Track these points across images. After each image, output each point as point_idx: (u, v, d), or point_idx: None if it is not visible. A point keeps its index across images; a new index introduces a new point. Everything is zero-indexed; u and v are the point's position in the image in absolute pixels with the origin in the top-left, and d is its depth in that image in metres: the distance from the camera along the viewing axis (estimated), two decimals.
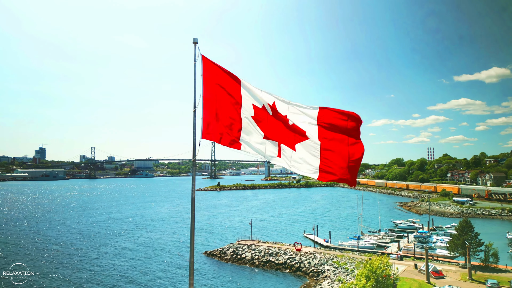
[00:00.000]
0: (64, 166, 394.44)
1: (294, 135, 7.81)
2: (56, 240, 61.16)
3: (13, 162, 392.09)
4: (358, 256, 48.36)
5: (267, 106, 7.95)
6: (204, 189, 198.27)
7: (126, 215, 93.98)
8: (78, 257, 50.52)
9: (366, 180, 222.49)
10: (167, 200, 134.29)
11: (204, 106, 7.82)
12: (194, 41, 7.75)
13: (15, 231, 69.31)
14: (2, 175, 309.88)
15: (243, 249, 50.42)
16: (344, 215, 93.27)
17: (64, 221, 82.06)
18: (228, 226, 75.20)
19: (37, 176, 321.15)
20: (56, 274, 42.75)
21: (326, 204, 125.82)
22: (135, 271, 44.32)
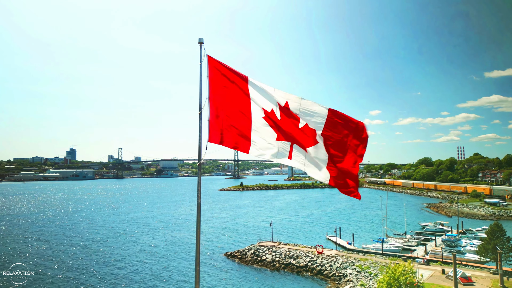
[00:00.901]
0: (93, 166, 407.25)
1: (307, 137, 7.46)
2: (77, 239, 62.75)
3: (45, 162, 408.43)
4: (382, 259, 46.91)
5: (278, 106, 7.55)
6: (227, 189, 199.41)
7: (152, 214, 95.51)
8: (92, 256, 51.56)
9: (392, 180, 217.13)
10: (191, 200, 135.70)
11: (210, 108, 7.51)
12: (200, 41, 7.43)
13: (36, 230, 71.73)
14: (35, 175, 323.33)
15: (263, 251, 49.98)
16: (369, 217, 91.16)
17: (86, 221, 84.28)
18: (250, 227, 74.96)
19: (68, 176, 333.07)
20: (60, 275, 43.54)
21: (350, 205, 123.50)
22: (147, 271, 44.74)
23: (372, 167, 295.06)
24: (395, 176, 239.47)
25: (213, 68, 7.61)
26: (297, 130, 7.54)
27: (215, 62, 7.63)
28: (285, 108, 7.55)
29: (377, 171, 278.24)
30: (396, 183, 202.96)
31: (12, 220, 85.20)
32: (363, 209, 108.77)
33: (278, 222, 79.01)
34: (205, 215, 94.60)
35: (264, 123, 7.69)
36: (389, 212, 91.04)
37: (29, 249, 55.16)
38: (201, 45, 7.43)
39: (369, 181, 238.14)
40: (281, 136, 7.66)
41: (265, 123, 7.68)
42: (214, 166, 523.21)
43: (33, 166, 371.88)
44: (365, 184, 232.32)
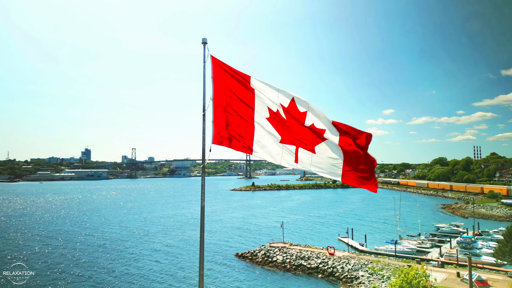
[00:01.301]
0: (108, 166, 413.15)
1: (313, 136, 7.29)
2: (92, 239, 63.53)
3: (61, 162, 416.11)
4: (395, 262, 46.15)
5: (283, 106, 7.37)
6: (239, 189, 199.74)
7: (165, 214, 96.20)
8: (106, 255, 52.07)
9: (406, 180, 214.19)
10: (205, 200, 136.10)
11: (214, 109, 7.40)
12: (203, 41, 7.28)
13: (52, 229, 72.92)
14: (51, 175, 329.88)
15: (274, 252, 49.75)
16: (382, 218, 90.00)
17: (100, 220, 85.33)
18: (261, 228, 74.79)
19: (83, 176, 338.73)
20: (71, 274, 44.05)
21: (363, 205, 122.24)
22: (160, 270, 44.97)
23: (385, 167, 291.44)
24: (409, 176, 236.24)
25: (217, 69, 7.50)
26: (303, 129, 7.34)
27: (219, 63, 7.51)
28: (290, 107, 7.36)
29: (390, 171, 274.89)
30: (410, 184, 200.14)
31: (28, 219, 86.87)
32: (376, 210, 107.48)
33: (290, 223, 78.63)
34: (217, 215, 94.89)
35: (268, 124, 7.52)
36: (402, 213, 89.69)
37: (44, 248, 56.08)
38: (204, 45, 7.30)
39: (382, 181, 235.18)
40: (285, 139, 7.48)
41: (269, 124, 7.51)
42: (226, 166, 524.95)
43: (50, 166, 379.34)
44: (379, 185, 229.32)
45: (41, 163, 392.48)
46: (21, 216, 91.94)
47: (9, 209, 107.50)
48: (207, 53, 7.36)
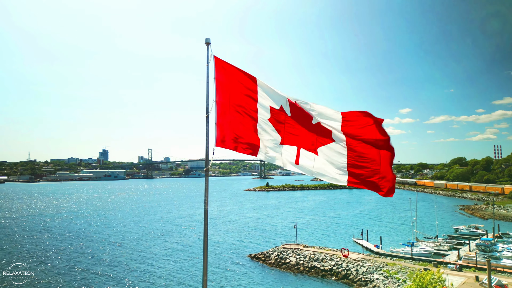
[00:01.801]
0: (124, 166, 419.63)
1: (317, 137, 7.04)
2: (109, 238, 64.38)
3: (80, 163, 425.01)
4: (411, 265, 45.14)
5: (286, 106, 7.17)
6: (253, 189, 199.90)
7: (180, 214, 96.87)
8: (122, 255, 52.61)
9: (423, 181, 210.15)
10: (218, 200, 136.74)
11: (217, 111, 7.27)
12: (207, 41, 7.15)
13: (70, 229, 74.28)
14: (70, 175, 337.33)
15: (287, 253, 49.36)
16: (398, 219, 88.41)
17: (117, 220, 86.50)
18: (275, 229, 74.43)
19: (101, 176, 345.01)
20: (83, 273, 44.61)
21: (379, 206, 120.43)
22: (178, 270, 45.17)
23: (402, 167, 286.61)
24: (426, 177, 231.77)
25: (220, 69, 7.34)
26: (307, 130, 7.11)
27: (222, 63, 7.35)
28: (294, 108, 7.15)
29: (407, 171, 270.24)
30: (428, 184, 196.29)
31: (47, 218, 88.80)
32: (392, 211, 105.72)
33: (304, 224, 78.03)
34: (232, 215, 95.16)
35: (269, 125, 7.35)
36: (420, 214, 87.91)
37: (59, 247, 57.11)
38: (207, 46, 7.17)
39: (399, 182, 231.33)
40: (286, 140, 7.29)
41: (270, 125, 7.34)
42: (240, 166, 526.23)
43: (69, 167, 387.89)
44: (395, 185, 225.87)
45: (60, 163, 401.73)
46: (40, 216, 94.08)
47: (30, 209, 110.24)
48: (210, 54, 7.24)
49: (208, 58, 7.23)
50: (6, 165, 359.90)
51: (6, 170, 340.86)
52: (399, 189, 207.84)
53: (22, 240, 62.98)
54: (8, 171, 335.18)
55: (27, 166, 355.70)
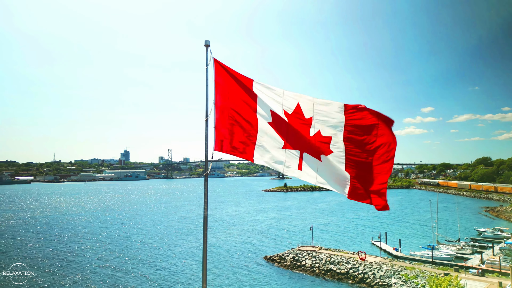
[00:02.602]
0: (145, 167, 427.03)
1: (319, 146, 6.78)
2: (130, 237, 65.49)
3: (102, 163, 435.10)
4: (431, 269, 43.83)
5: (287, 109, 6.97)
6: (271, 190, 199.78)
7: (199, 215, 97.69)
8: (141, 255, 53.34)
9: (446, 181, 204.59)
10: (236, 201, 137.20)
11: (216, 114, 7.17)
12: (206, 43, 7.03)
13: (92, 229, 75.97)
14: (92, 175, 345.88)
15: (303, 255, 48.88)
16: (419, 221, 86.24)
17: (137, 220, 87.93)
18: (291, 230, 73.93)
19: (122, 177, 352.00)
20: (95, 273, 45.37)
21: (399, 207, 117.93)
22: (191, 272, 45.44)
23: (424, 167, 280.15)
24: (450, 177, 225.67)
25: (219, 72, 7.25)
26: (308, 137, 6.86)
27: (222, 65, 7.26)
28: (295, 112, 6.95)
29: (430, 172, 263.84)
30: (451, 185, 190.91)
31: (70, 218, 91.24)
32: (413, 213, 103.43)
33: (321, 225, 77.25)
34: (249, 216, 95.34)
35: (270, 129, 7.14)
36: (441, 216, 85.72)
37: (86, 246, 58.51)
38: (207, 48, 7.07)
39: (421, 182, 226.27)
40: (288, 144, 7.03)
41: (271, 129, 7.13)
42: (259, 167, 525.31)
43: (91, 167, 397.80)
44: (417, 186, 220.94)
45: (84, 164, 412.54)
46: (65, 215, 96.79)
47: (51, 208, 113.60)
48: (210, 56, 7.12)
49: (208, 60, 7.11)
50: (32, 165, 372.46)
51: (32, 170, 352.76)
52: (421, 189, 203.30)
53: (37, 238, 64.86)
54: (35, 172, 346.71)
55: (52, 167, 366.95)
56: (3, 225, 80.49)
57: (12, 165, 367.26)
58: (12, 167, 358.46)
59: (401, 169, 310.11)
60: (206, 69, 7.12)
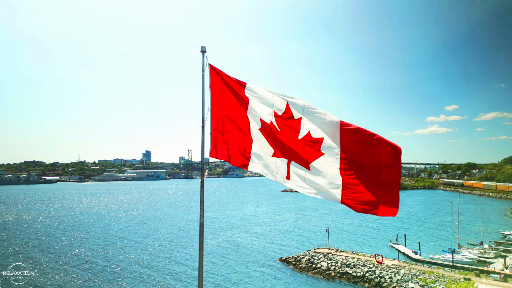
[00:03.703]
0: (166, 167, 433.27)
1: (308, 149, 6.50)
2: (147, 238, 66.65)
3: (124, 164, 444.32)
4: (451, 273, 42.66)
5: (276, 114, 6.82)
6: (289, 190, 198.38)
7: (218, 215, 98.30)
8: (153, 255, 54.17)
9: (471, 182, 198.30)
10: (254, 201, 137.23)
11: (212, 121, 7.19)
12: (202, 49, 7.08)
13: (117, 229, 77.67)
14: (115, 175, 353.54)
15: (319, 258, 48.50)
16: (441, 223, 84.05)
17: (158, 219, 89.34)
18: (308, 231, 73.39)
19: (144, 177, 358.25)
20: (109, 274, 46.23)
21: (421, 209, 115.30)
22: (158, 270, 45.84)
23: (448, 167, 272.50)
24: (475, 177, 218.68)
25: (215, 78, 7.26)
26: (297, 142, 6.64)
27: (217, 72, 7.27)
28: (285, 113, 6.76)
29: (454, 172, 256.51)
30: (476, 185, 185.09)
31: (95, 217, 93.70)
32: (435, 214, 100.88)
33: (339, 227, 76.39)
34: (266, 216, 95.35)
35: (260, 136, 7.06)
36: (464, 218, 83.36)
37: (104, 246, 60.00)
38: (203, 54, 7.11)
39: (444, 183, 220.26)
40: (278, 152, 6.89)
41: (261, 136, 7.05)
42: None
43: (114, 167, 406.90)
44: (440, 186, 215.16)
45: (107, 164, 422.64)
46: (93, 214, 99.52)
47: (73, 207, 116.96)
48: (206, 62, 7.16)
49: (204, 66, 7.14)
50: (58, 166, 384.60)
51: (58, 170, 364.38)
52: (444, 190, 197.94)
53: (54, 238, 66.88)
54: (60, 172, 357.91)
55: (77, 167, 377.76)
56: (14, 224, 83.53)
57: (39, 165, 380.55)
58: (39, 167, 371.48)
59: (424, 169, 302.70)
60: (202, 75, 7.14)
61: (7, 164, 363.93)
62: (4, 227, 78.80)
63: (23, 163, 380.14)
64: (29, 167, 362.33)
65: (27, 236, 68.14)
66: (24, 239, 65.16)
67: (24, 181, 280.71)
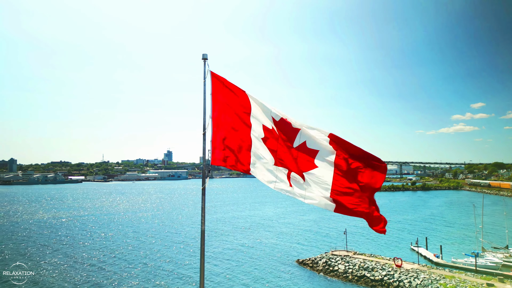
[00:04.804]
0: (187, 167, 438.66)
1: (304, 160, 6.86)
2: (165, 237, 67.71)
3: (146, 164, 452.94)
4: (473, 278, 41.35)
5: (276, 125, 7.10)
6: None
7: (237, 215, 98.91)
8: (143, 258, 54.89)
9: (498, 182, 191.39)
10: (274, 202, 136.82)
11: (213, 128, 7.26)
12: (204, 57, 7.19)
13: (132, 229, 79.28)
14: (138, 175, 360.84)
15: (336, 260, 48.00)
16: (465, 225, 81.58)
17: (178, 219, 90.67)
18: (326, 233, 72.73)
19: (165, 176, 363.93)
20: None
21: (445, 210, 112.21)
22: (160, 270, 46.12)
23: (474, 167, 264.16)
24: (502, 178, 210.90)
25: (216, 86, 7.33)
26: (293, 152, 6.94)
27: (219, 79, 7.35)
28: (281, 126, 7.03)
29: (480, 172, 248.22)
30: (503, 186, 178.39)
31: (118, 218, 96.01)
32: (458, 216, 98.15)
33: (358, 229, 75.20)
34: (285, 217, 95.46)
35: (262, 145, 7.22)
36: (489, 220, 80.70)
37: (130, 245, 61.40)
38: (205, 61, 7.20)
39: (470, 183, 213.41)
40: (278, 162, 7.09)
41: (263, 145, 7.21)
42: None
43: (137, 167, 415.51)
44: (466, 187, 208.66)
45: (129, 164, 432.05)
46: (125, 213, 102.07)
47: (121, 206, 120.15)
48: (207, 69, 7.23)
49: (205, 74, 7.21)
50: (83, 166, 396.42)
51: (83, 170, 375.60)
52: (470, 191, 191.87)
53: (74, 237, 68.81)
54: (85, 172, 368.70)
55: (101, 167, 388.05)
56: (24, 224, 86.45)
57: (66, 165, 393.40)
58: (66, 167, 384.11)
59: (448, 169, 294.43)
60: (204, 83, 7.20)
61: (35, 165, 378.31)
62: (18, 227, 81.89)
63: (50, 163, 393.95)
64: (56, 167, 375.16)
65: (40, 236, 70.56)
66: (37, 239, 67.53)
67: (51, 181, 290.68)
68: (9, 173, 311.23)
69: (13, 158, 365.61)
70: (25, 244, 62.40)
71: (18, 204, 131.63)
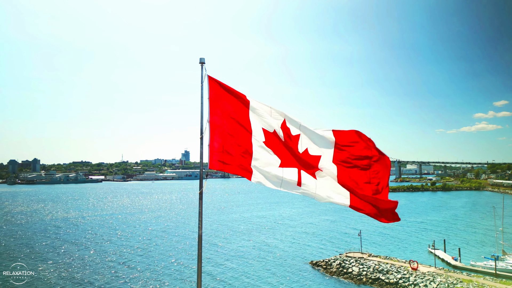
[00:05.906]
0: (204, 167, 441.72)
1: (310, 162, 7.06)
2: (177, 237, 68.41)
3: (164, 163, 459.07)
4: (492, 282, 40.15)
5: (278, 128, 7.18)
6: None
7: (253, 215, 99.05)
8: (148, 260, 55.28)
9: None
10: (289, 202, 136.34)
11: (211, 132, 7.21)
12: (201, 61, 7.19)
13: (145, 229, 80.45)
14: (155, 175, 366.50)
15: (350, 262, 47.46)
16: (485, 227, 79.42)
17: (193, 220, 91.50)
18: (341, 234, 71.98)
19: (182, 176, 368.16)
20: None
21: (465, 211, 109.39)
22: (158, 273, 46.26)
23: (497, 167, 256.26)
24: None
25: (214, 90, 7.33)
26: (299, 154, 7.07)
27: (216, 83, 7.36)
28: (284, 128, 7.16)
29: (504, 172, 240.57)
30: None
31: (137, 217, 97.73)
32: (478, 218, 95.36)
33: (374, 230, 74.17)
34: (300, 218, 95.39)
35: (265, 148, 7.20)
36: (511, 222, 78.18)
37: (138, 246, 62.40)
38: (202, 65, 7.20)
39: (493, 184, 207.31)
40: (285, 162, 7.09)
41: (266, 148, 7.19)
42: None
43: (155, 167, 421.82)
44: (488, 187, 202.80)
45: (148, 164, 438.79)
46: (137, 213, 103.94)
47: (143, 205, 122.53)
48: (205, 73, 7.23)
49: (202, 78, 7.20)
50: (103, 165, 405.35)
51: (103, 170, 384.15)
52: (493, 192, 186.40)
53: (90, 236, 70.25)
54: (105, 171, 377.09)
55: (120, 167, 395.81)
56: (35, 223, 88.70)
57: (86, 165, 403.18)
58: (86, 167, 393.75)
59: (470, 169, 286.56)
60: (201, 87, 7.19)
61: (57, 164, 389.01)
62: (29, 226, 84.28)
63: (72, 163, 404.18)
64: (77, 167, 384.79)
65: (45, 236, 72.43)
66: (41, 239, 69.35)
67: (73, 180, 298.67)
68: (32, 173, 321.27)
69: (36, 158, 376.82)
70: (25, 244, 64.30)
71: (37, 203, 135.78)
